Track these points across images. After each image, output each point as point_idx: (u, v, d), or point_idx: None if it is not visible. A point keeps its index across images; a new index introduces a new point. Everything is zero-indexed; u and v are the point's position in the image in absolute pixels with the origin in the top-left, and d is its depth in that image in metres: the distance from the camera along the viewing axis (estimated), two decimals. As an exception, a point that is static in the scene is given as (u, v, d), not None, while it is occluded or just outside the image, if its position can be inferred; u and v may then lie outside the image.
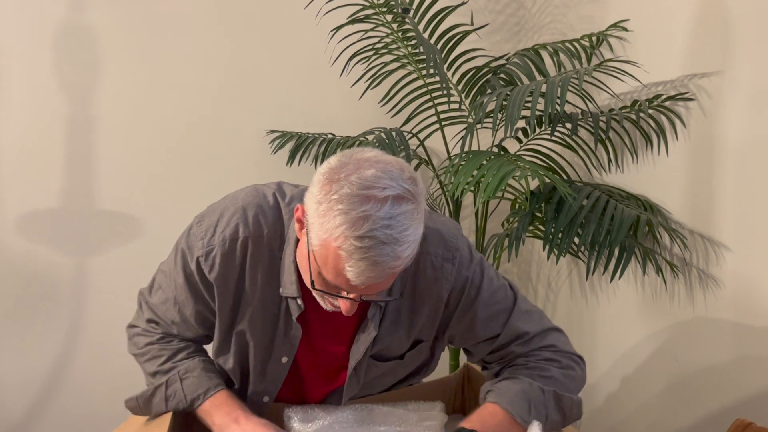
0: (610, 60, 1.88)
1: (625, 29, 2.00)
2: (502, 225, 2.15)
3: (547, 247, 1.88)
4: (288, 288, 1.06)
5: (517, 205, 2.07)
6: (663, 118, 1.83)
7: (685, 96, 1.77)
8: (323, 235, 0.88)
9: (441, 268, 1.07)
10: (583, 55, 2.06)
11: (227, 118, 2.30)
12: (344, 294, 0.94)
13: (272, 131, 2.29)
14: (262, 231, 1.05)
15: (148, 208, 2.29)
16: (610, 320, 2.11)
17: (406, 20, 1.92)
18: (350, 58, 2.01)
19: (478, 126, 1.88)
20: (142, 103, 2.24)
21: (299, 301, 1.06)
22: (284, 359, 1.12)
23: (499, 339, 1.13)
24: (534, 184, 2.00)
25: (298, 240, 1.02)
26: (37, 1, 2.11)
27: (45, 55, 2.14)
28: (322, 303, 1.01)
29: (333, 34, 2.01)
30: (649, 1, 1.93)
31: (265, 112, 2.32)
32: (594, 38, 2.06)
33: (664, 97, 1.82)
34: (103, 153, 2.23)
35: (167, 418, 1.07)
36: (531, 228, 1.99)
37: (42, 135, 2.17)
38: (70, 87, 2.19)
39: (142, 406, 1.13)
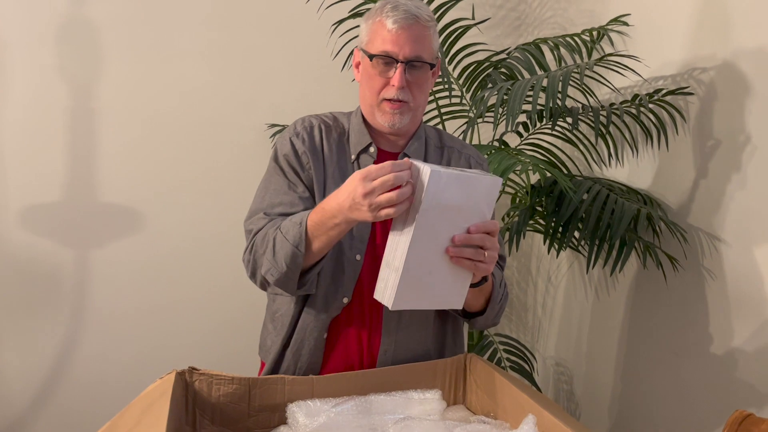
0: (610, 54, 1.89)
1: (625, 24, 2.00)
2: (503, 219, 2.16)
3: (548, 241, 1.89)
4: (360, 142, 1.31)
5: (518, 199, 2.08)
6: (663, 112, 1.83)
7: (685, 90, 1.78)
8: (369, 22, 1.24)
9: (477, 162, 1.38)
10: (583, 49, 2.06)
11: (228, 111, 2.31)
12: (394, 65, 1.21)
13: (273, 125, 2.29)
14: (329, 121, 1.35)
15: (150, 201, 2.29)
16: (609, 313, 2.12)
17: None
18: (352, 52, 2.02)
19: (479, 120, 1.88)
20: (143, 96, 2.24)
21: (371, 149, 1.31)
22: None
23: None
24: (534, 178, 2.00)
25: (361, 111, 1.33)
26: (38, -6, 2.12)
27: (47, 48, 2.15)
28: (382, 119, 1.26)
29: (335, 28, 2.02)
30: (649, -4, 1.94)
31: (265, 106, 2.32)
32: (595, 33, 2.06)
33: (664, 91, 1.83)
34: (104, 146, 2.23)
35: (164, 411, 1.07)
36: (531, 222, 1.99)
37: (44, 128, 2.17)
38: (72, 80, 2.19)
39: (273, 263, 1.23)
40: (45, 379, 2.28)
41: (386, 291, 1.09)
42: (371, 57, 1.22)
